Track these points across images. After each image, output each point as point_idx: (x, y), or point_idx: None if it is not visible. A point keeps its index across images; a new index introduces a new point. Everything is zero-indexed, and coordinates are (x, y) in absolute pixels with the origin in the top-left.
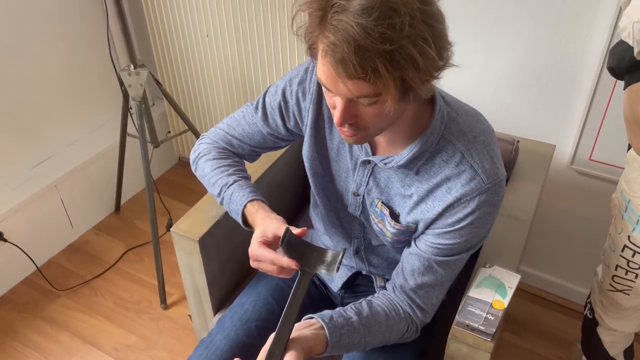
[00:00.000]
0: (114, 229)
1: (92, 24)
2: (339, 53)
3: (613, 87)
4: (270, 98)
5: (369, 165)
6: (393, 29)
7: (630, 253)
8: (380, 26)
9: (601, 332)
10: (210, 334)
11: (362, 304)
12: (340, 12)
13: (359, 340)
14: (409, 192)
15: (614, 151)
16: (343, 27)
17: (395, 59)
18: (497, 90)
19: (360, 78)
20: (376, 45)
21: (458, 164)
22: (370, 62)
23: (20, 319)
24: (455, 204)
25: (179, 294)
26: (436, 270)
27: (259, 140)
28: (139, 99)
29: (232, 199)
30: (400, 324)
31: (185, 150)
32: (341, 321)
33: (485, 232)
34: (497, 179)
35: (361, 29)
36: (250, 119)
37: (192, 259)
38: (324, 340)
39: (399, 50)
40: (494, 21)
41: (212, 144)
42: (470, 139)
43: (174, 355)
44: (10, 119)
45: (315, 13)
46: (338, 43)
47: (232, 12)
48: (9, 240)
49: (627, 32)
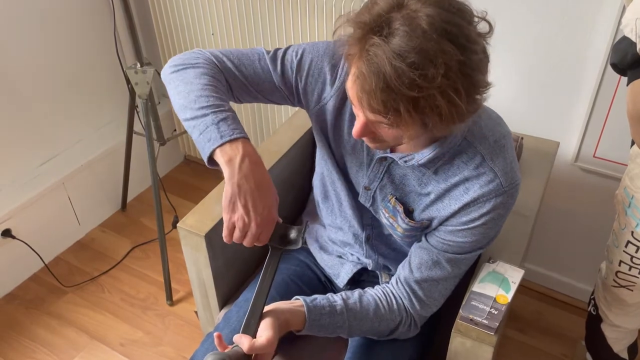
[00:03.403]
0: (121, 226)
1: (99, 22)
2: (367, 85)
3: (617, 83)
4: (290, 57)
5: (385, 162)
6: (425, 79)
7: (634, 249)
8: (413, 73)
9: (605, 329)
10: (217, 329)
11: (354, 292)
12: (379, 45)
13: (342, 323)
14: (425, 190)
15: (618, 148)
16: (377, 61)
17: (419, 105)
18: (501, 88)
19: (380, 114)
20: (403, 90)
21: (478, 166)
22: (394, 103)
23: (27, 315)
24: (472, 203)
25: (184, 291)
26: (443, 267)
27: (265, 88)
28: (145, 97)
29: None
30: (392, 315)
31: (191, 148)
32: (324, 302)
33: (494, 234)
34: (514, 183)
35: (393, 70)
36: (264, 65)
37: (198, 254)
38: (302, 316)
39: (426, 98)
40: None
41: (205, 60)
42: (491, 143)
43: (179, 351)
44: (17, 117)
45: (357, 31)
46: (367, 76)
47: (238, 10)
48: (17, 237)
49: (630, 28)
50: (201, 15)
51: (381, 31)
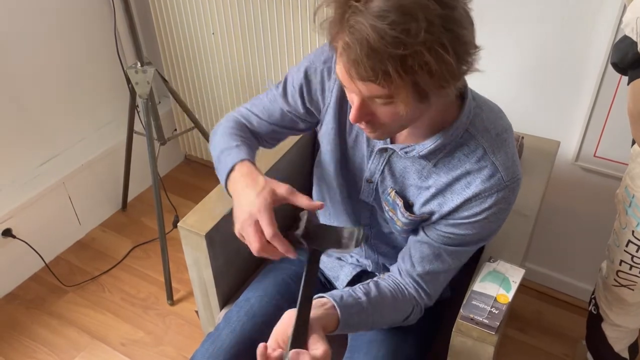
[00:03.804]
0: (121, 226)
1: (99, 22)
2: (353, 54)
3: (618, 83)
4: (292, 77)
5: (385, 154)
6: (408, 34)
7: (635, 248)
8: (395, 30)
9: (606, 328)
10: (217, 329)
11: (370, 285)
12: (358, 13)
13: (366, 320)
14: (426, 184)
15: (619, 147)
16: (359, 28)
17: (407, 63)
18: (502, 87)
19: (371, 80)
20: (388, 49)
21: (479, 159)
22: (382, 65)
23: (28, 315)
24: (474, 198)
25: (185, 290)
26: (445, 259)
27: (277, 118)
28: (145, 97)
29: (224, 160)
30: (406, 306)
31: (192, 147)
32: (351, 301)
33: (496, 227)
34: (516, 178)
35: (375, 32)
36: (271, 96)
37: (198, 253)
38: (336, 319)
39: (413, 55)
40: (498, 17)
41: (232, 119)
42: (493, 136)
43: (180, 350)
44: (17, 117)
45: (336, 10)
46: (352, 44)
47: (239, 9)
48: (17, 237)
49: (631, 27)
50: (201, 14)
51: None
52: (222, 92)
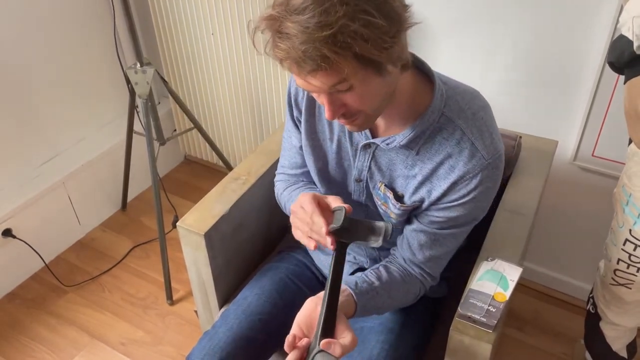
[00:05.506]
0: (121, 226)
1: (99, 23)
2: (292, 54)
3: (615, 82)
4: (287, 104)
5: (369, 150)
6: (327, 14)
7: (632, 247)
8: (315, 17)
9: (604, 327)
10: (214, 327)
11: (380, 269)
12: (283, 20)
13: (381, 304)
14: (412, 172)
15: (617, 147)
16: (287, 32)
17: (338, 39)
18: (500, 86)
19: (317, 69)
20: (315, 35)
21: (459, 141)
22: (317, 52)
23: (28, 314)
24: (459, 181)
25: (184, 290)
26: (442, 243)
27: (302, 162)
28: (145, 97)
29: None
30: (414, 287)
31: (191, 148)
32: (365, 286)
33: (487, 205)
34: (497, 154)
35: (300, 26)
36: (287, 139)
37: (198, 253)
38: (354, 306)
39: (341, 30)
40: (496, 17)
41: (281, 181)
42: (469, 116)
43: (180, 350)
44: (17, 117)
45: (268, 30)
46: (287, 47)
47: (238, 10)
48: (17, 237)
49: (627, 26)
50: (201, 15)
51: (280, 6)
52: (222, 93)
